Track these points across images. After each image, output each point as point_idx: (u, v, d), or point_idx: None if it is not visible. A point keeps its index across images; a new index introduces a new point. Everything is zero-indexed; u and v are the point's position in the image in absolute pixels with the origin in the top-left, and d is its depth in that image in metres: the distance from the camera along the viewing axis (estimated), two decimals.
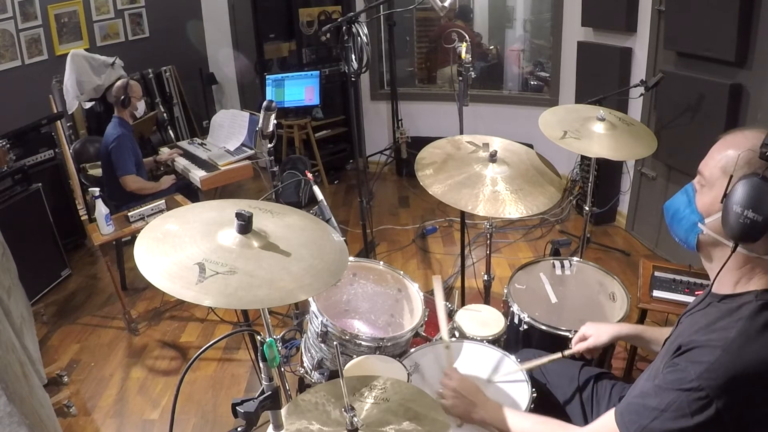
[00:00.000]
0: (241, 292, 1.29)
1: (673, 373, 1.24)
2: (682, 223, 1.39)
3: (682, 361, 1.24)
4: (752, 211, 1.16)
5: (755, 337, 1.20)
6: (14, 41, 4.61)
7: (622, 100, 4.18)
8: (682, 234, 1.39)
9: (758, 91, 3.02)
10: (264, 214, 1.59)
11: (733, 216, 1.19)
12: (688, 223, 1.37)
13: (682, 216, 1.39)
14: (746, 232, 1.19)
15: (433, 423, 1.44)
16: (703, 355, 1.20)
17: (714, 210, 1.29)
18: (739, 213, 1.18)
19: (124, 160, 3.88)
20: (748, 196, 1.17)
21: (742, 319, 1.22)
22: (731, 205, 1.19)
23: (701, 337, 1.25)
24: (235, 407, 1.29)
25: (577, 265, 2.62)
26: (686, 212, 1.38)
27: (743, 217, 1.17)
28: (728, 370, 1.17)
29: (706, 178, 1.32)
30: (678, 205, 1.41)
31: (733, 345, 1.19)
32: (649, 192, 4.20)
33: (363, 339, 2.03)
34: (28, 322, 3.11)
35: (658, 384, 1.27)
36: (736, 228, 1.20)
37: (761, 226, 1.16)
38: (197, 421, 2.84)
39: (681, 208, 1.40)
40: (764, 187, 1.17)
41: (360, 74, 3.11)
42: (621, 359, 2.92)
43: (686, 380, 1.20)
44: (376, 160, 6.18)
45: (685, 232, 1.38)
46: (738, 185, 1.20)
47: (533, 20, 6.09)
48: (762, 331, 1.20)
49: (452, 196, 2.28)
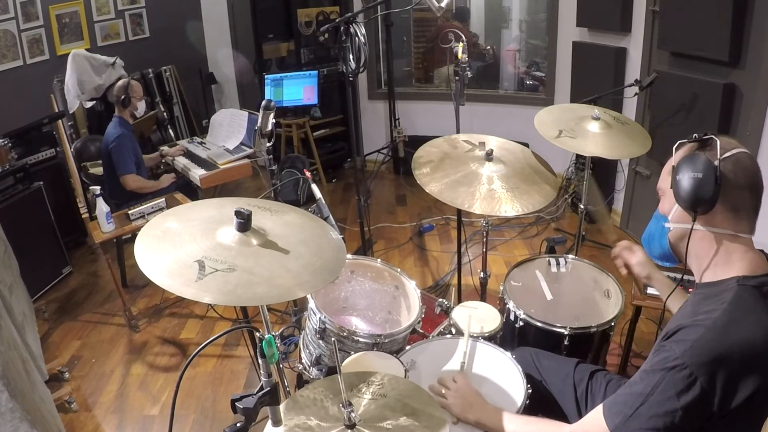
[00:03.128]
0: (240, 289, 1.29)
1: (659, 354, 1.27)
2: (654, 237, 1.50)
3: (668, 343, 1.26)
4: (693, 172, 1.29)
5: (739, 319, 1.23)
6: (16, 41, 4.62)
7: (616, 99, 4.19)
8: (657, 246, 1.49)
9: (751, 90, 3.04)
10: (263, 212, 1.59)
11: (682, 187, 1.32)
12: (657, 232, 1.48)
13: (654, 231, 1.50)
14: (695, 193, 1.30)
15: (430, 419, 1.45)
16: (688, 334, 1.23)
17: (672, 203, 1.40)
18: (684, 179, 1.32)
19: (124, 160, 3.90)
20: (686, 163, 1.33)
21: (725, 302, 1.26)
22: (678, 180, 1.33)
23: (686, 319, 1.28)
24: (235, 403, 1.30)
25: (572, 263, 2.62)
26: (655, 225, 1.49)
27: (688, 180, 1.31)
28: (712, 348, 1.19)
29: (661, 188, 1.46)
30: (650, 227, 1.53)
31: (717, 324, 1.22)
32: (643, 190, 4.22)
33: (360, 336, 2.03)
34: (30, 319, 3.12)
35: (645, 369, 1.30)
36: (686, 194, 1.31)
37: (706, 183, 1.28)
38: (197, 416, 2.86)
39: (652, 227, 1.51)
40: (697, 155, 1.33)
41: (358, 74, 3.13)
42: (616, 355, 2.94)
43: (671, 359, 1.22)
44: (374, 159, 6.19)
45: (658, 242, 1.48)
46: (679, 164, 1.36)
47: (529, 20, 6.11)
48: (745, 313, 1.24)
49: (449, 195, 2.29)
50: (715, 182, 1.27)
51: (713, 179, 1.27)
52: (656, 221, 1.49)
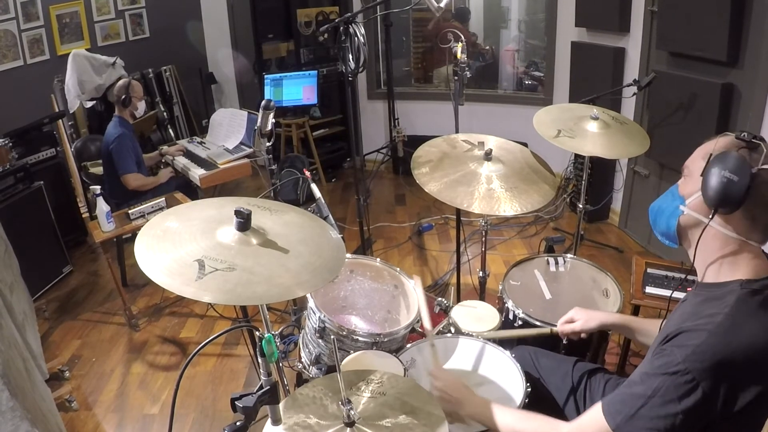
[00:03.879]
0: (240, 288, 1.29)
1: (660, 358, 1.25)
2: (664, 213, 1.44)
3: (669, 347, 1.25)
4: (729, 172, 1.24)
5: (741, 323, 1.22)
6: (16, 41, 4.63)
7: (615, 99, 4.20)
8: (664, 223, 1.44)
9: (749, 90, 3.05)
10: (262, 212, 1.59)
11: (712, 180, 1.26)
12: (669, 210, 1.42)
13: (665, 207, 1.45)
14: (723, 193, 1.25)
15: (429, 417, 1.45)
16: (690, 339, 1.22)
17: (694, 189, 1.35)
18: (718, 175, 1.25)
19: (125, 159, 3.91)
20: (727, 161, 1.26)
21: (728, 305, 1.24)
22: (711, 172, 1.27)
23: (688, 323, 1.26)
24: (234, 402, 1.30)
25: (570, 262, 2.63)
26: (669, 203, 1.44)
27: (721, 178, 1.25)
28: (715, 353, 1.18)
29: (689, 168, 1.40)
30: (662, 202, 1.47)
31: (720, 329, 1.20)
32: (641, 190, 4.23)
33: (360, 335, 2.04)
34: (30, 318, 3.13)
35: (645, 371, 1.28)
36: (714, 190, 1.26)
37: (737, 187, 1.23)
38: (197, 415, 2.87)
39: (665, 203, 1.46)
40: (741, 157, 1.25)
41: (357, 74, 3.13)
42: (614, 354, 2.94)
43: (672, 364, 1.21)
44: (373, 159, 6.20)
45: (666, 219, 1.43)
46: (718, 156, 1.29)
47: (528, 21, 6.12)
48: (748, 317, 1.23)
49: (448, 194, 2.30)
50: (747, 189, 1.23)
51: (746, 186, 1.23)
52: (671, 198, 1.44)
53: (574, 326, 1.96)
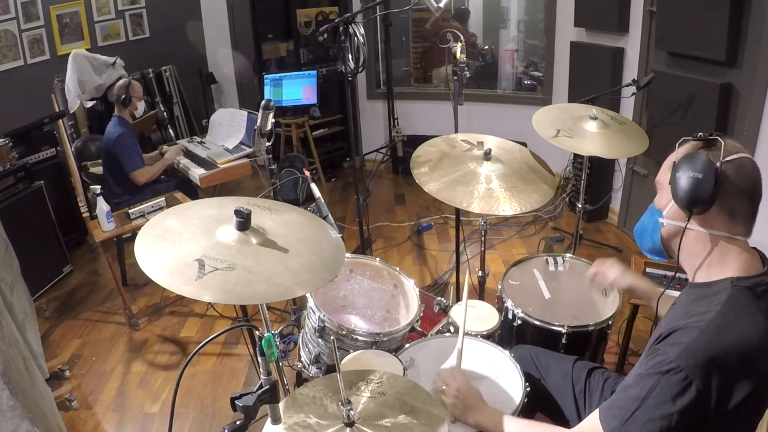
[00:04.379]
0: (239, 287, 1.30)
1: (653, 358, 1.25)
2: (647, 230, 1.49)
3: (662, 346, 1.25)
4: (693, 171, 1.28)
5: (733, 320, 1.22)
6: (17, 41, 4.63)
7: (614, 99, 4.21)
8: (649, 240, 1.48)
9: (748, 90, 3.05)
10: (262, 212, 1.60)
11: (680, 185, 1.31)
12: (650, 226, 1.47)
13: (647, 224, 1.49)
14: (692, 193, 1.29)
15: (429, 416, 1.46)
16: (682, 337, 1.22)
17: (668, 199, 1.39)
18: (683, 177, 1.30)
19: (130, 157, 3.93)
20: (687, 161, 1.32)
21: (720, 303, 1.25)
22: (677, 177, 1.31)
23: (680, 322, 1.26)
24: (234, 401, 1.30)
25: (570, 262, 2.64)
26: (649, 219, 1.48)
27: (687, 179, 1.29)
28: (707, 350, 1.18)
29: (660, 182, 1.44)
30: (643, 221, 1.52)
31: (711, 326, 1.21)
32: (640, 189, 4.24)
33: (359, 334, 2.04)
34: (31, 318, 3.14)
35: (639, 372, 1.28)
36: (683, 193, 1.30)
37: (704, 184, 1.26)
38: (197, 414, 2.88)
39: (645, 220, 1.51)
40: (703, 156, 1.30)
41: (357, 74, 3.13)
42: (613, 353, 2.95)
43: (665, 362, 1.21)
44: (373, 158, 6.21)
45: (650, 236, 1.47)
46: (680, 161, 1.34)
47: (527, 21, 6.13)
48: (739, 314, 1.23)
49: (447, 194, 2.30)
50: (714, 184, 1.26)
51: (713, 181, 1.26)
52: (650, 215, 1.48)
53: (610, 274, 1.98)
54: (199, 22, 6.40)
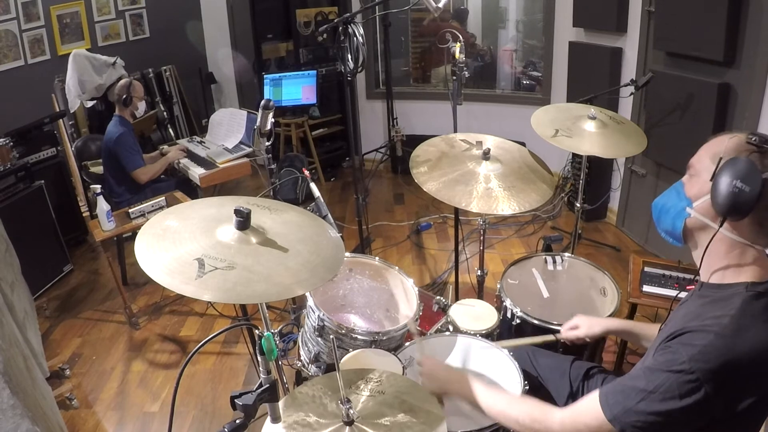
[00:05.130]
0: (239, 287, 1.30)
1: (664, 355, 1.24)
2: (669, 212, 1.42)
3: (674, 344, 1.24)
4: (740, 182, 1.21)
5: (748, 326, 1.21)
6: (17, 41, 4.64)
7: (612, 99, 4.23)
8: (669, 222, 1.42)
9: (746, 90, 3.06)
10: (262, 211, 1.60)
11: (722, 188, 1.24)
12: (675, 210, 1.40)
13: (670, 206, 1.42)
14: (734, 203, 1.23)
15: (428, 415, 1.46)
16: (696, 339, 1.21)
17: (702, 192, 1.33)
18: (729, 183, 1.23)
19: (131, 156, 3.94)
20: (737, 168, 1.23)
21: (734, 308, 1.24)
22: (721, 179, 1.24)
23: (693, 323, 1.25)
24: (234, 400, 1.30)
25: (568, 261, 2.65)
26: (675, 202, 1.41)
27: (732, 187, 1.22)
28: (720, 354, 1.17)
29: (696, 167, 1.37)
30: (667, 199, 1.45)
31: (726, 331, 1.20)
32: (639, 189, 4.24)
33: (359, 333, 2.05)
34: (31, 317, 3.14)
35: (648, 366, 1.27)
36: (724, 199, 1.23)
37: (748, 196, 1.21)
38: (197, 413, 2.88)
39: (670, 201, 1.43)
40: (752, 164, 1.23)
41: (356, 74, 3.13)
42: (611, 353, 2.96)
43: (677, 362, 1.20)
44: (372, 158, 6.22)
45: (672, 219, 1.41)
46: (728, 162, 1.26)
47: (525, 21, 6.13)
48: (754, 320, 1.22)
49: (446, 193, 2.31)
50: (757, 198, 1.20)
51: (757, 195, 1.20)
52: (677, 198, 1.41)
53: (578, 333, 1.99)
54: (199, 22, 6.40)
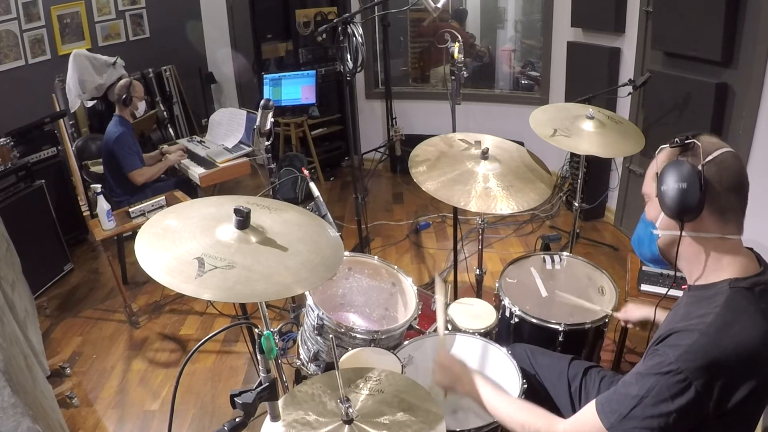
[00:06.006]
0: (239, 286, 1.31)
1: (653, 358, 1.26)
2: (644, 242, 1.48)
3: (662, 347, 1.26)
4: (679, 182, 1.27)
5: (732, 322, 1.22)
6: (18, 41, 4.64)
7: (610, 98, 4.24)
8: (647, 251, 1.48)
9: (743, 90, 3.06)
10: (261, 210, 1.61)
11: (668, 196, 1.30)
12: (647, 238, 1.46)
13: (643, 236, 1.49)
14: (681, 203, 1.29)
15: (427, 414, 1.47)
16: (682, 339, 1.23)
17: (658, 211, 1.38)
18: (671, 189, 1.30)
19: (130, 157, 3.95)
20: (671, 172, 1.31)
21: (718, 305, 1.25)
22: (663, 191, 1.31)
23: (680, 324, 1.27)
24: (234, 398, 1.30)
25: (566, 260, 2.65)
26: (644, 231, 1.48)
27: (672, 190, 1.29)
28: (706, 352, 1.19)
29: (647, 193, 1.44)
30: (638, 232, 1.51)
31: (711, 328, 1.21)
32: (637, 188, 4.20)
33: (358, 332, 2.05)
34: (32, 316, 3.15)
35: (638, 371, 1.29)
36: (672, 204, 1.30)
37: (692, 191, 1.26)
38: (196, 411, 2.89)
39: (640, 232, 1.50)
40: (683, 162, 1.30)
41: (355, 74, 3.14)
42: (609, 351, 2.96)
43: (665, 363, 1.21)
44: (371, 158, 6.22)
45: (648, 247, 1.47)
46: (662, 172, 1.34)
47: (524, 21, 6.14)
48: (739, 316, 1.23)
49: (445, 193, 2.31)
50: (700, 189, 1.25)
51: (698, 187, 1.26)
52: (644, 227, 1.47)
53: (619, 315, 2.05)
54: (199, 22, 6.40)
